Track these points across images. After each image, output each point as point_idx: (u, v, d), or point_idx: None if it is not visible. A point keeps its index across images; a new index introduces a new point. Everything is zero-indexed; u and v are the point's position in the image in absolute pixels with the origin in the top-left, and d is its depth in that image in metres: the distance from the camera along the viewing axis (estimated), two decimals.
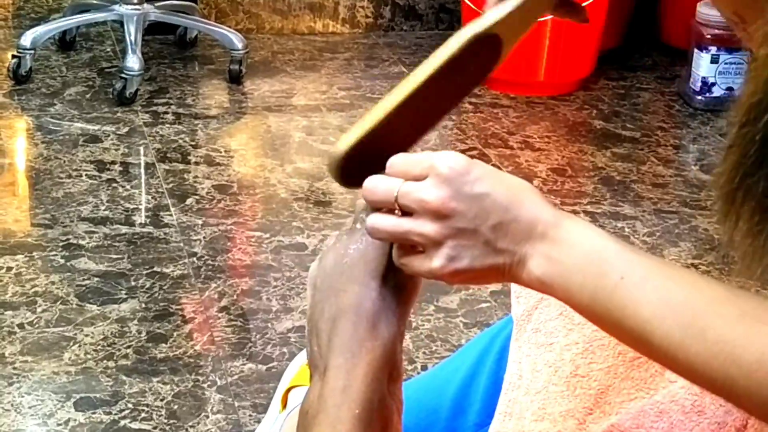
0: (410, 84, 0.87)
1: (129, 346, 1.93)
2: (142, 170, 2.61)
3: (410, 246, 0.85)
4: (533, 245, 0.80)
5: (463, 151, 2.67)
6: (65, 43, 3.28)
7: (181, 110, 2.93)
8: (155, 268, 2.18)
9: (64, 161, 2.60)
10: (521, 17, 0.91)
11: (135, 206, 2.42)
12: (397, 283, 0.90)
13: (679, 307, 0.75)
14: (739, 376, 0.72)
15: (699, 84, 3.12)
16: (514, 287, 1.11)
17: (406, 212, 0.84)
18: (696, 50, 3.12)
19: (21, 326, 1.96)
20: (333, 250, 0.92)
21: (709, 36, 3.07)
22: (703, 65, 3.10)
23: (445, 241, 0.82)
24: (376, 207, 0.86)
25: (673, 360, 0.75)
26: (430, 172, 0.83)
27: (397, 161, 0.85)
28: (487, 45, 0.90)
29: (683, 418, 0.91)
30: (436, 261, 0.83)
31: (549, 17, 0.98)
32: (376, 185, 0.85)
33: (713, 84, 3.10)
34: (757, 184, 0.74)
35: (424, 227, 0.82)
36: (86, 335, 1.95)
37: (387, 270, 0.89)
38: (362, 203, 0.89)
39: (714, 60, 3.08)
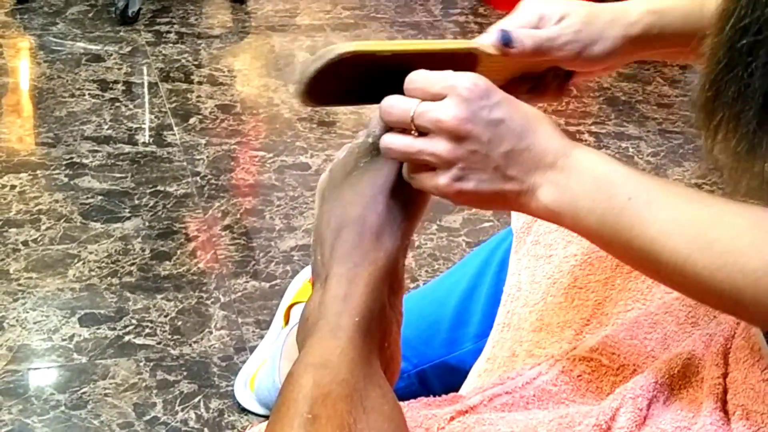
0: (405, 44, 0.89)
1: (133, 264, 1.94)
2: (145, 90, 2.60)
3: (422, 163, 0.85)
4: (543, 174, 0.81)
5: None
6: None
7: (183, 30, 2.91)
8: (158, 187, 2.18)
9: (67, 80, 2.59)
10: (503, 65, 0.96)
11: (138, 125, 2.42)
12: (404, 199, 0.90)
13: (685, 223, 0.76)
14: (745, 285, 0.73)
15: None
16: None
17: (422, 132, 0.84)
18: None
19: (25, 243, 1.97)
20: (343, 162, 0.92)
21: None
22: None
23: (456, 162, 0.82)
24: (391, 126, 0.86)
25: (681, 276, 0.76)
26: (449, 92, 0.82)
27: (416, 77, 0.85)
28: (465, 59, 0.92)
29: (677, 329, 0.91)
30: (443, 179, 0.83)
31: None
32: (393, 104, 0.85)
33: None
34: (727, 91, 0.75)
35: (437, 146, 0.82)
36: (90, 252, 1.96)
37: (395, 185, 0.89)
38: (376, 118, 0.89)
39: None
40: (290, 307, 1.72)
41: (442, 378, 1.19)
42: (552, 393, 0.89)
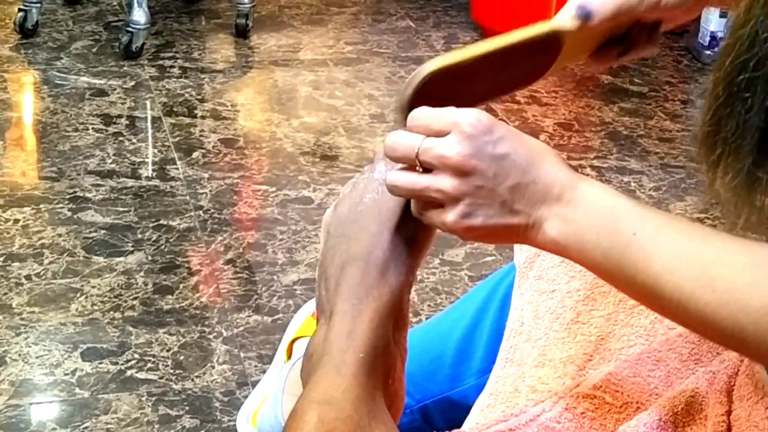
0: (487, 45, 0.91)
1: (135, 298, 1.94)
2: (149, 124, 2.61)
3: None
4: (549, 207, 0.81)
5: None
6: None
7: (187, 64, 2.92)
8: (161, 221, 2.19)
9: (71, 115, 2.60)
10: (587, 37, 0.96)
11: (141, 159, 2.42)
12: (409, 235, 0.90)
13: (689, 259, 0.76)
14: (747, 323, 0.73)
15: (708, 39, 3.10)
16: None
17: (426, 168, 0.84)
18: None
19: (28, 278, 1.97)
20: (348, 197, 0.92)
21: None
22: (712, 20, 3.08)
23: (462, 198, 0.82)
24: (396, 162, 0.87)
25: (684, 312, 0.76)
26: (453, 129, 0.82)
27: (419, 114, 0.85)
28: (550, 43, 0.94)
29: (680, 366, 0.91)
30: (451, 215, 0.83)
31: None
32: (397, 141, 0.85)
33: (722, 38, 3.08)
34: (726, 126, 0.76)
35: (442, 183, 0.82)
36: (93, 287, 1.96)
37: (400, 220, 0.89)
38: (381, 153, 0.89)
39: (723, 15, 3.06)
40: (293, 341, 1.72)
41: (445, 414, 1.19)
42: (555, 430, 0.89)
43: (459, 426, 1.03)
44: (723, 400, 0.84)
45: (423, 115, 0.85)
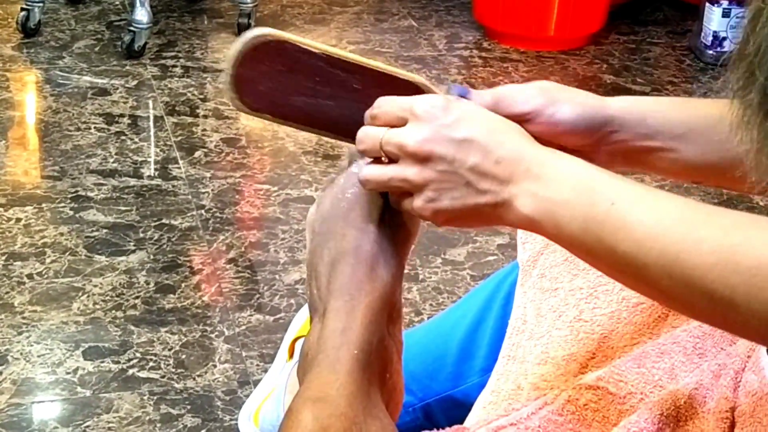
0: (354, 57, 0.89)
1: (137, 297, 1.94)
2: (151, 123, 2.61)
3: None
4: (518, 184, 0.80)
5: None
6: None
7: (189, 63, 2.92)
8: (163, 220, 2.18)
9: (73, 114, 2.60)
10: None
11: (143, 159, 2.42)
12: (394, 225, 0.90)
13: (673, 223, 0.74)
14: (738, 283, 0.70)
15: (710, 38, 3.10)
16: (520, 233, 1.11)
17: (393, 159, 0.84)
18: (707, 4, 3.10)
19: (30, 276, 1.97)
20: (330, 194, 0.92)
21: None
22: (714, 19, 3.07)
23: (426, 184, 0.83)
24: (365, 156, 0.87)
25: (669, 279, 0.73)
26: (409, 115, 0.83)
27: (381, 102, 0.86)
28: (406, 90, 0.91)
29: (684, 360, 0.91)
30: (418, 201, 0.84)
31: None
32: (364, 134, 0.86)
33: (724, 38, 3.08)
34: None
35: (406, 171, 0.83)
36: (95, 286, 1.96)
37: (384, 212, 0.89)
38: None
39: (725, 14, 3.06)
40: (294, 340, 1.71)
41: (448, 412, 1.18)
42: (558, 423, 0.89)
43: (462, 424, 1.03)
44: (729, 395, 0.83)
45: (383, 103, 0.86)
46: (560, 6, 3.13)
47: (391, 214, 0.89)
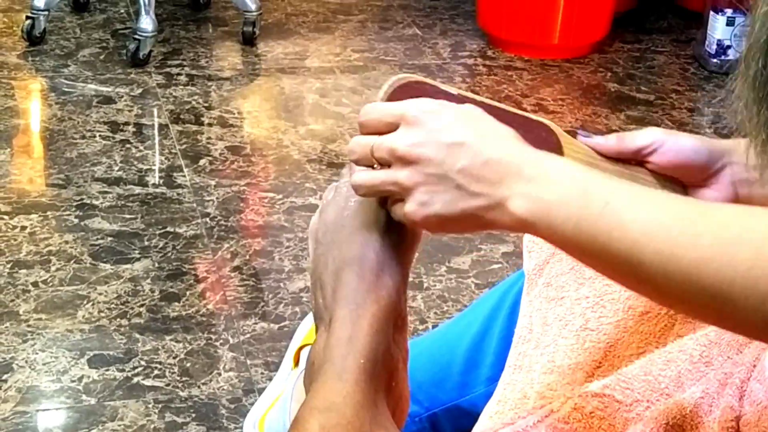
0: (487, 100, 0.93)
1: (142, 305, 1.94)
2: (156, 131, 2.62)
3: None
4: (510, 186, 0.80)
5: None
6: (79, 4, 3.27)
7: (194, 72, 2.93)
8: (168, 228, 2.19)
9: (78, 122, 2.60)
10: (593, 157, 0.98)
11: (148, 167, 2.43)
12: (398, 233, 0.90)
13: (668, 220, 0.73)
14: (736, 275, 0.69)
15: (714, 47, 3.10)
16: (526, 242, 1.11)
17: (385, 165, 0.85)
18: (711, 12, 3.10)
19: (35, 284, 1.98)
20: (333, 203, 0.92)
21: None
22: (718, 28, 3.07)
23: (416, 187, 0.82)
24: (358, 164, 0.87)
25: (665, 277, 0.73)
26: (400, 120, 0.83)
27: (369, 109, 0.86)
28: (540, 131, 0.94)
29: (690, 368, 0.91)
30: (409, 206, 0.83)
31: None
32: (356, 143, 0.87)
33: (728, 47, 3.08)
34: None
35: (396, 175, 0.83)
36: (100, 294, 1.96)
37: (388, 220, 0.89)
38: None
39: (730, 22, 3.06)
40: (300, 349, 1.71)
41: (455, 422, 1.18)
42: (564, 431, 0.89)
43: None
44: (734, 405, 0.83)
45: (371, 110, 0.86)
46: (564, 14, 3.13)
47: (394, 223, 0.89)
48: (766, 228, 0.70)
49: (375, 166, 0.86)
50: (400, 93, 0.88)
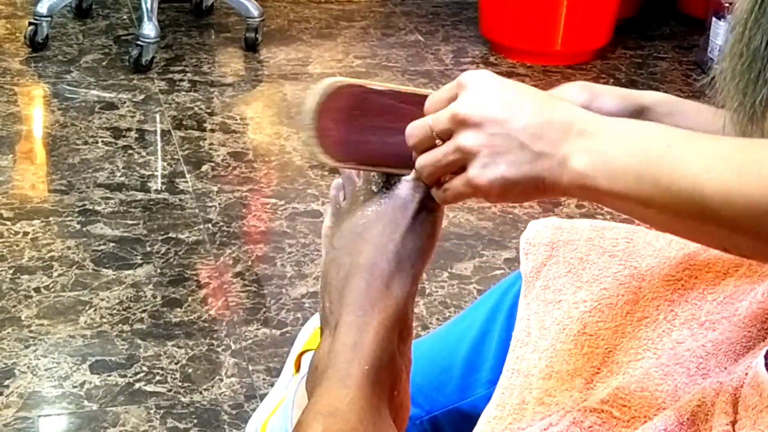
0: (418, 89, 0.91)
1: (144, 311, 1.94)
2: (158, 137, 2.62)
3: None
4: (572, 143, 0.80)
5: None
6: (82, 10, 3.28)
7: (196, 78, 2.93)
8: (170, 234, 2.19)
9: (81, 128, 2.61)
10: None
11: (150, 173, 2.43)
12: (413, 246, 0.90)
13: (729, 153, 0.74)
14: None
15: (717, 53, 3.10)
16: (522, 244, 1.11)
17: (446, 139, 0.84)
18: (714, 19, 3.10)
19: (37, 290, 1.98)
20: (350, 211, 0.93)
21: (727, 4, 3.05)
22: (721, 34, 3.08)
23: (480, 149, 0.82)
24: (419, 150, 0.87)
25: (730, 208, 0.73)
26: (459, 89, 0.83)
27: (431, 98, 0.87)
28: None
29: (687, 381, 0.91)
30: (473, 170, 0.82)
31: None
32: (414, 125, 0.86)
33: None
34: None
35: (458, 140, 0.82)
36: (102, 299, 1.97)
37: (405, 232, 0.90)
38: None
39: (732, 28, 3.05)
40: (301, 354, 1.71)
41: (455, 425, 1.18)
42: None
43: None
44: (728, 410, 0.83)
45: (433, 96, 0.87)
46: (567, 21, 3.14)
47: (411, 235, 0.89)
48: None
49: (438, 143, 0.85)
50: (333, 101, 0.87)
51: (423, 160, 0.86)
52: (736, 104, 0.84)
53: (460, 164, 0.84)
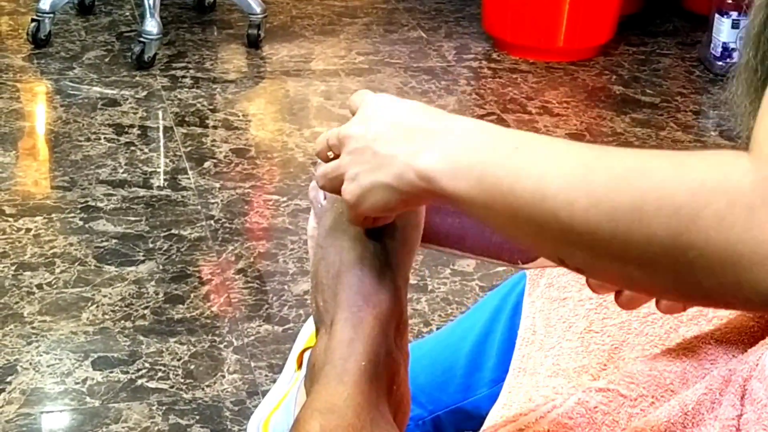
0: None
1: (146, 307, 1.94)
2: (161, 134, 2.62)
3: None
4: (419, 143, 0.78)
5: (481, 117, 2.67)
6: (84, 6, 3.28)
7: (199, 74, 2.93)
8: (173, 231, 2.19)
9: (83, 124, 2.60)
10: None
11: (153, 169, 2.43)
12: (398, 235, 0.90)
13: (583, 153, 0.71)
14: (649, 188, 0.66)
15: (719, 49, 3.09)
16: None
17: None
18: (717, 15, 3.10)
19: (40, 287, 1.98)
20: (332, 209, 0.93)
21: (729, 1, 3.05)
22: (723, 30, 3.07)
23: (348, 166, 0.83)
24: (320, 158, 0.89)
25: (569, 206, 0.69)
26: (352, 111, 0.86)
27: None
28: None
29: (696, 365, 0.90)
30: (345, 187, 0.83)
31: None
32: (319, 139, 0.88)
33: (734, 49, 3.07)
34: None
35: (338, 160, 0.84)
36: (104, 296, 1.96)
37: (388, 224, 0.90)
38: None
39: (735, 25, 3.05)
40: (303, 351, 1.71)
41: (458, 424, 1.18)
42: (567, 426, 0.88)
43: None
44: (736, 403, 0.83)
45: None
46: (570, 17, 3.13)
47: (394, 224, 0.89)
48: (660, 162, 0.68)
49: (329, 154, 0.87)
50: None
51: (318, 173, 0.88)
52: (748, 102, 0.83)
53: (341, 179, 0.84)
